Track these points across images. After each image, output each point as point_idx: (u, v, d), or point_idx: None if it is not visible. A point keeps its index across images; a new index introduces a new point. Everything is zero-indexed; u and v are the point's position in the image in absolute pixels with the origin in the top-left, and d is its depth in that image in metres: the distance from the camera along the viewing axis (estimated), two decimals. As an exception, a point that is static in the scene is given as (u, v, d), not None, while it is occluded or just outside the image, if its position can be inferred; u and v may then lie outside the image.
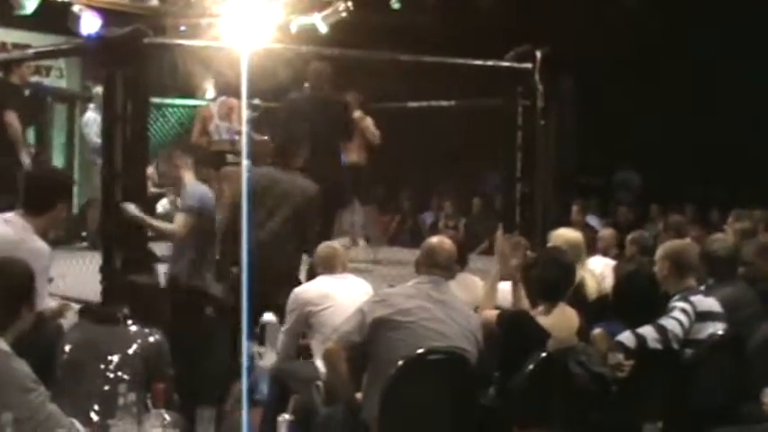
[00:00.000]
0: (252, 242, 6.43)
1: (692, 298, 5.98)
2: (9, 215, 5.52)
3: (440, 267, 5.57)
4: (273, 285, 6.77)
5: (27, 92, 11.24)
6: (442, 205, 15.47)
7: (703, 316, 5.94)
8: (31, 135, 11.87)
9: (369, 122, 10.92)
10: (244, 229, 6.08)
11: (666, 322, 5.83)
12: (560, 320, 5.78)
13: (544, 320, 5.73)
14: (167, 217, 14.22)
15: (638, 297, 6.04)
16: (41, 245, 5.41)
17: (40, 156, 11.81)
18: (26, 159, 10.24)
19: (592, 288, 7.39)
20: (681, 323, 5.84)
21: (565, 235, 7.46)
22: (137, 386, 4.29)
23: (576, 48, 11.99)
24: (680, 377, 5.77)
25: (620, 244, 9.37)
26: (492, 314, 6.00)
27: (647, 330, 5.80)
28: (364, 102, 11.18)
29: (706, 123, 13.84)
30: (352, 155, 10.92)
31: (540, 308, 5.90)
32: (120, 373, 4.65)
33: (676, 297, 6.01)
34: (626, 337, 5.79)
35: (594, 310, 6.66)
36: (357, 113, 10.71)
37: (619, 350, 5.76)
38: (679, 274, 6.15)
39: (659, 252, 6.39)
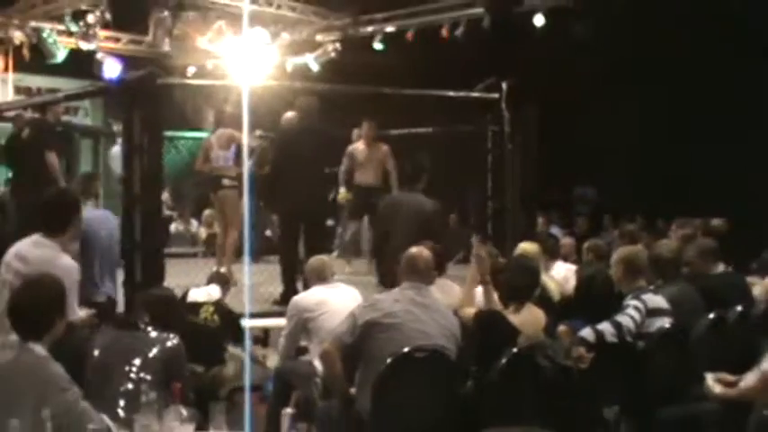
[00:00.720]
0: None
1: (644, 296, 6.02)
2: (36, 238, 5.50)
3: (419, 274, 5.58)
4: None
5: (59, 129, 11.24)
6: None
7: (653, 312, 5.98)
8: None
9: (384, 150, 11.00)
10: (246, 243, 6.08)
11: (621, 319, 5.87)
12: (528, 319, 5.80)
13: (514, 319, 5.75)
14: (179, 236, 14.40)
15: (596, 297, 6.07)
16: (71, 262, 5.42)
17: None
18: None
19: (554, 290, 7.43)
20: (633, 319, 5.88)
21: (524, 248, 7.51)
22: (157, 385, 4.30)
23: (538, 79, 12.04)
24: (634, 366, 5.80)
25: (579, 251, 9.41)
26: (471, 312, 6.02)
27: (605, 326, 5.84)
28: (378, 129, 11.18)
29: (654, 145, 13.94)
30: (369, 177, 10.91)
31: (511, 308, 5.92)
32: (142, 374, 4.65)
33: (630, 296, 6.05)
34: (587, 332, 5.83)
35: (559, 310, 6.69)
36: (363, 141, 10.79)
37: (581, 344, 5.79)
38: (631, 276, 6.19)
39: (614, 257, 6.43)
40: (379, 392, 5.04)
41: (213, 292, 7.41)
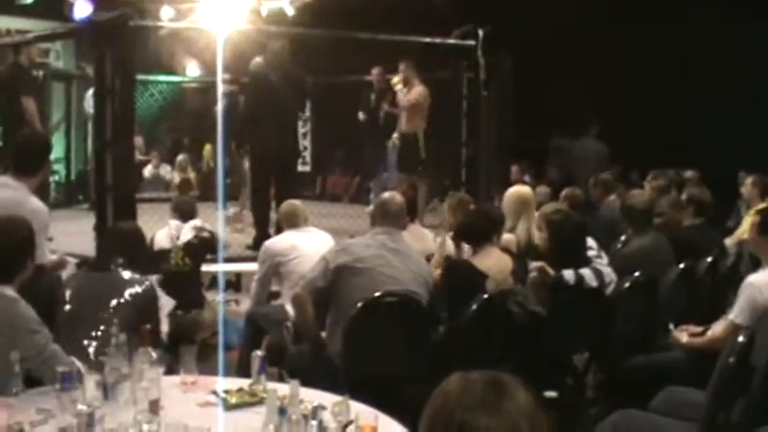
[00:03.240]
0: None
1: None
2: (4, 180, 5.44)
3: (392, 218, 5.56)
4: None
5: (39, 73, 11.10)
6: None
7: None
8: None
9: (415, 91, 10.59)
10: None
11: (602, 268, 5.90)
12: (495, 263, 5.80)
13: (480, 263, 5.77)
14: (152, 181, 14.37)
15: (566, 243, 6.06)
16: (40, 204, 5.38)
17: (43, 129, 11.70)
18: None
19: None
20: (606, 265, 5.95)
21: (517, 191, 7.38)
22: (128, 328, 4.29)
23: (515, 26, 12.01)
24: (604, 314, 5.85)
25: (554, 200, 9.45)
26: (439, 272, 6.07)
27: (586, 271, 5.85)
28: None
29: (630, 96, 13.95)
30: (409, 123, 10.59)
31: (476, 254, 5.95)
32: (113, 317, 4.63)
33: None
34: (568, 273, 5.82)
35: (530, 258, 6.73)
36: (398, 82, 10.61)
37: (560, 283, 5.80)
38: None
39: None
40: (350, 337, 5.07)
41: (174, 230, 7.29)
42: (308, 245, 6.47)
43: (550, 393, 5.67)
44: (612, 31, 13.96)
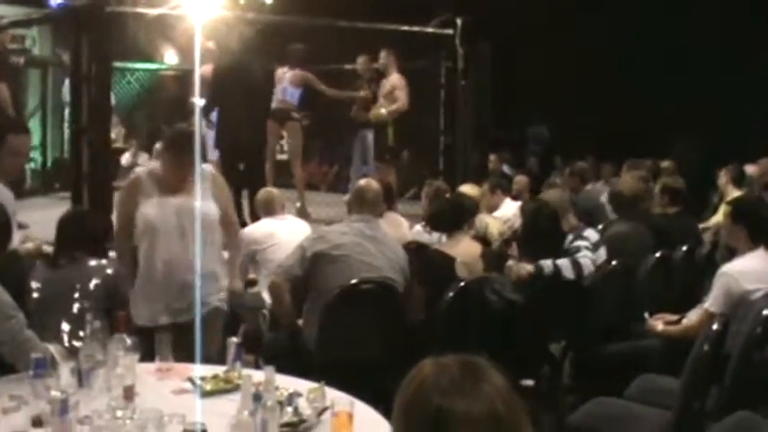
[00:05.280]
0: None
1: (584, 233, 6.10)
2: None
3: (368, 205, 5.57)
4: None
5: (19, 59, 10.98)
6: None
7: (596, 246, 6.07)
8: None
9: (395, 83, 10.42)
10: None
11: (582, 260, 5.90)
12: (463, 248, 5.83)
13: (450, 250, 5.79)
14: (130, 169, 14.26)
15: (541, 232, 6.08)
16: (5, 190, 5.29)
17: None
18: None
19: (494, 230, 7.44)
20: (591, 260, 5.95)
21: (465, 190, 7.46)
22: (100, 314, 4.25)
23: (493, 15, 11.99)
24: (580, 303, 5.86)
25: (531, 189, 9.48)
26: None
27: (563, 262, 5.87)
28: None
29: (606, 86, 13.96)
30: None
31: (447, 243, 5.96)
32: (85, 304, 4.56)
33: (572, 235, 6.10)
34: (547, 264, 5.85)
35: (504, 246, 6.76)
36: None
37: (536, 272, 5.81)
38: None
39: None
40: (326, 323, 5.08)
41: None
42: (284, 232, 6.46)
43: (527, 382, 5.68)
44: (590, 21, 13.96)
